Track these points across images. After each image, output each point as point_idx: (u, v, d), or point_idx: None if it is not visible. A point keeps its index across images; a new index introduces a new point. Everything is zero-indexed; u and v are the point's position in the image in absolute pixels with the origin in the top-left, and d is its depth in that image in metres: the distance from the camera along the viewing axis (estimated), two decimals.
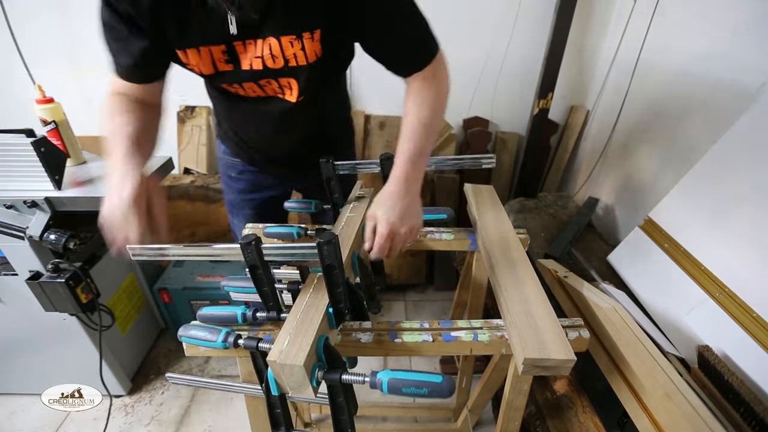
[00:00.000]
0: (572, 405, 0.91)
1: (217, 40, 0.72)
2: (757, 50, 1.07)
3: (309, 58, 0.75)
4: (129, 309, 1.58)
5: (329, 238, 0.58)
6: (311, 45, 0.73)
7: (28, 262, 1.18)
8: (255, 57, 0.74)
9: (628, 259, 1.24)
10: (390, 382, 0.54)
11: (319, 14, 0.70)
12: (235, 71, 0.77)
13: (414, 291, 2.16)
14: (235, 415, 1.52)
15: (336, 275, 0.62)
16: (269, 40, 0.72)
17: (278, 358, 0.54)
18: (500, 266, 0.79)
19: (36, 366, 1.46)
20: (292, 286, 0.71)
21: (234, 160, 1.08)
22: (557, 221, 1.60)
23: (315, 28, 0.72)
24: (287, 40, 0.72)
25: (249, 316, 0.68)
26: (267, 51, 0.73)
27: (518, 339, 0.62)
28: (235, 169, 1.10)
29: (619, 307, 0.88)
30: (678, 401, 0.66)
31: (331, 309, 0.65)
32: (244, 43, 0.73)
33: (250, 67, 0.76)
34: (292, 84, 0.81)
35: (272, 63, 0.75)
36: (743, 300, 0.87)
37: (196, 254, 0.65)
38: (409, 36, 0.75)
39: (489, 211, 0.98)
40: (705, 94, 1.23)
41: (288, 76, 0.79)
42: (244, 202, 1.13)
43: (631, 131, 1.59)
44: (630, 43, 1.59)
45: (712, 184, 1.05)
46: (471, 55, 1.83)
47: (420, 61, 0.77)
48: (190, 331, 0.65)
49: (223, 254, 0.65)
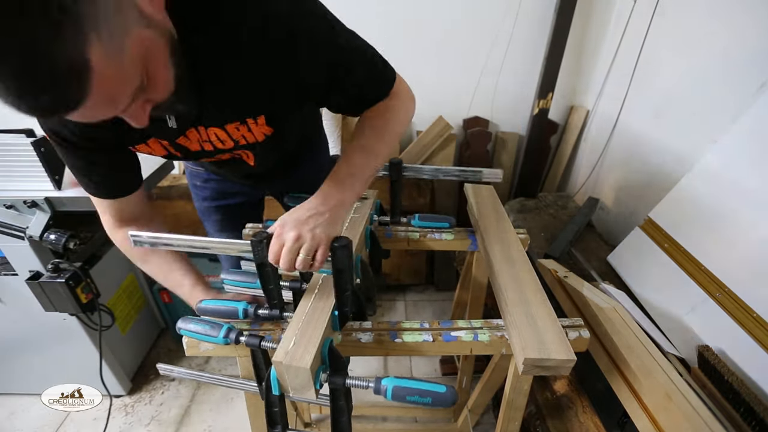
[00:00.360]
0: (572, 405, 0.91)
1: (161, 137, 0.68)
2: (758, 50, 1.07)
3: (258, 137, 0.72)
4: (129, 309, 1.58)
5: (345, 243, 0.58)
6: (257, 128, 0.70)
7: (28, 262, 1.18)
8: (203, 141, 0.70)
9: (628, 259, 1.24)
10: (394, 389, 0.54)
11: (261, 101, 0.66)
12: (186, 155, 0.74)
13: (414, 291, 2.16)
14: (235, 414, 1.52)
15: (346, 279, 0.62)
16: (213, 129, 0.68)
17: (284, 360, 0.54)
18: (500, 266, 0.79)
19: (36, 366, 1.46)
20: (294, 285, 0.71)
21: (197, 169, 1.05)
22: (557, 221, 1.60)
23: (258, 115, 0.67)
24: (232, 127, 0.68)
25: (251, 312, 0.68)
26: (214, 137, 0.70)
27: (518, 339, 0.62)
28: (199, 177, 1.07)
29: (619, 307, 0.88)
30: (678, 401, 0.66)
31: (337, 312, 0.65)
32: (186, 135, 0.68)
33: (201, 148, 0.72)
34: (248, 154, 0.80)
35: (221, 145, 0.72)
36: (743, 300, 0.87)
37: (200, 246, 0.65)
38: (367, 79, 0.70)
39: (489, 211, 0.98)
40: (705, 94, 1.23)
41: (243, 149, 0.77)
42: (210, 209, 1.10)
43: (631, 131, 1.59)
44: (630, 43, 1.59)
45: (712, 184, 1.05)
46: (471, 55, 1.83)
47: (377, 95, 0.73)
48: (189, 325, 0.65)
49: (226, 248, 0.65)
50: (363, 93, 0.72)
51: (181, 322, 0.65)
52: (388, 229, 0.97)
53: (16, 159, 1.10)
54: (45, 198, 1.10)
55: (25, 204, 1.10)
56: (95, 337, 1.34)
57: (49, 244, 1.12)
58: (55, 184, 1.14)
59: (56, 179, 1.14)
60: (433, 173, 0.96)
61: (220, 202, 1.09)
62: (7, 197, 1.10)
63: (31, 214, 1.13)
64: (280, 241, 0.60)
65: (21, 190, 1.13)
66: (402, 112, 0.75)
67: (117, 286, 1.49)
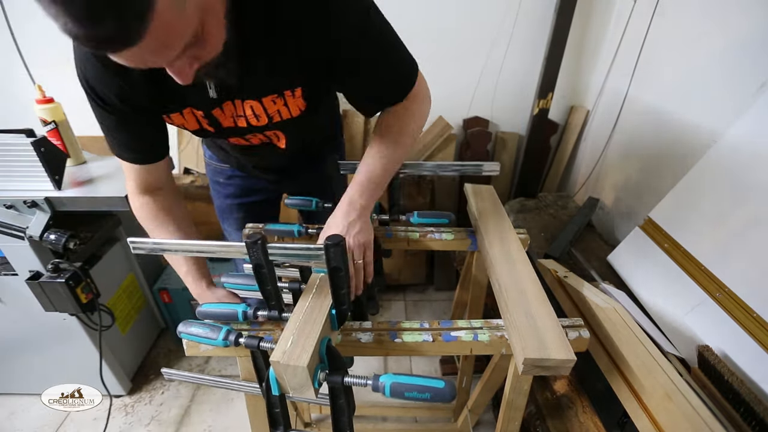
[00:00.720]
0: (572, 405, 0.91)
1: (197, 106, 0.70)
2: (758, 49, 1.07)
3: (293, 112, 0.74)
4: (129, 309, 1.58)
5: (337, 241, 0.58)
6: (294, 101, 0.72)
7: (28, 262, 1.18)
8: (237, 116, 0.73)
9: (628, 259, 1.24)
10: (392, 386, 0.54)
11: (299, 73, 0.68)
12: (218, 132, 0.76)
13: (414, 291, 2.16)
14: (235, 414, 1.52)
15: (341, 278, 0.62)
16: (249, 102, 0.70)
17: (282, 359, 0.54)
18: (500, 266, 0.79)
19: (36, 366, 1.46)
20: (293, 285, 0.71)
21: (222, 166, 1.07)
22: (557, 221, 1.60)
23: (296, 87, 0.70)
24: (269, 100, 0.70)
25: (250, 314, 0.68)
26: (249, 111, 0.72)
27: (518, 339, 0.62)
28: (223, 174, 1.08)
29: (619, 307, 0.88)
30: (678, 401, 0.66)
31: (334, 311, 0.65)
32: (221, 107, 0.71)
33: (234, 124, 0.74)
34: (279, 135, 0.82)
35: (256, 121, 0.74)
36: (743, 300, 0.87)
37: (198, 250, 0.65)
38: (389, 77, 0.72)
39: (489, 211, 0.98)
40: (705, 94, 1.23)
41: (274, 129, 0.79)
42: (233, 206, 1.11)
43: (631, 131, 1.59)
44: (630, 43, 1.59)
45: (712, 184, 1.05)
46: (471, 55, 1.83)
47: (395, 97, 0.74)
48: (190, 328, 0.65)
49: (224, 252, 0.65)
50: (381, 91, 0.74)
51: (181, 326, 0.65)
52: (388, 229, 0.97)
53: (16, 159, 1.10)
54: (45, 198, 1.11)
55: (25, 204, 1.10)
56: (95, 337, 1.34)
57: (49, 244, 1.12)
58: (55, 184, 1.14)
59: (56, 179, 1.14)
60: (433, 169, 0.97)
61: (243, 200, 1.10)
62: (7, 197, 1.10)
63: (31, 214, 1.13)
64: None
65: (21, 190, 1.13)
66: (418, 115, 0.78)
67: (117, 286, 1.49)
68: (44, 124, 1.23)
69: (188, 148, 1.98)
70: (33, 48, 1.69)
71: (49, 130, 1.23)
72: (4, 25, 1.61)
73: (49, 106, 1.22)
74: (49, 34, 1.94)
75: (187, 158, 1.99)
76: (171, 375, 0.75)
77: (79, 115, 1.58)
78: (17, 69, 1.69)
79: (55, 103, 1.24)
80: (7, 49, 1.64)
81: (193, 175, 1.98)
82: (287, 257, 0.64)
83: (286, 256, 0.63)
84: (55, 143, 1.21)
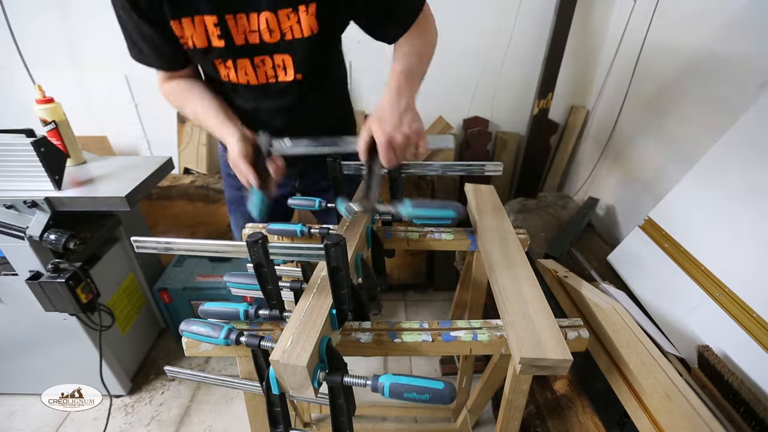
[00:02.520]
0: (572, 405, 0.91)
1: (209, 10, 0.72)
2: (758, 49, 1.07)
3: (304, 31, 0.76)
4: (129, 309, 1.58)
5: (337, 240, 0.58)
6: (306, 18, 0.74)
7: (28, 262, 1.18)
8: (250, 31, 0.75)
9: (628, 259, 1.24)
10: (392, 386, 0.54)
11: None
12: (228, 46, 0.78)
13: (414, 291, 2.16)
14: (235, 414, 1.52)
15: (341, 277, 0.62)
16: (265, 14, 0.73)
17: (281, 358, 0.54)
18: (499, 266, 0.79)
19: (36, 366, 1.46)
20: (294, 285, 0.71)
21: None
22: (557, 221, 1.60)
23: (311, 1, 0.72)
24: (284, 13, 0.73)
25: (251, 313, 0.68)
26: (264, 25, 0.74)
27: (515, 339, 0.62)
28: None
29: (618, 307, 0.88)
30: (678, 401, 0.66)
31: (335, 310, 0.65)
32: (235, 16, 0.73)
33: (245, 42, 0.76)
34: (286, 62, 0.82)
35: (269, 37, 0.76)
36: (743, 300, 0.87)
37: (201, 249, 0.65)
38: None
39: (489, 211, 0.98)
40: (705, 94, 1.23)
41: (283, 52, 0.80)
42: (243, 199, 1.11)
43: (631, 131, 1.59)
44: (630, 43, 1.59)
45: (712, 184, 1.05)
46: (471, 55, 1.83)
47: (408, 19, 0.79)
48: (191, 327, 0.65)
49: (227, 251, 0.65)
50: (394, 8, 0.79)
51: (183, 324, 0.65)
52: (388, 229, 0.97)
53: (16, 159, 1.10)
54: (45, 198, 1.11)
55: (25, 204, 1.10)
56: (95, 337, 1.34)
57: (49, 244, 1.12)
58: (55, 184, 1.14)
59: (56, 179, 1.14)
60: (439, 169, 0.97)
61: None
62: (7, 197, 1.10)
63: (31, 214, 1.13)
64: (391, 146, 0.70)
65: (21, 190, 1.13)
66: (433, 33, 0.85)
67: (117, 286, 1.49)
68: (44, 124, 1.23)
69: (188, 148, 1.98)
70: (33, 48, 1.69)
71: (49, 130, 1.23)
72: (4, 25, 1.61)
73: (49, 106, 1.22)
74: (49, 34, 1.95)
75: (187, 158, 1.99)
76: (174, 373, 0.75)
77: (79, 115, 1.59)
78: (17, 69, 1.69)
79: (55, 103, 1.24)
80: (7, 49, 1.64)
81: (193, 175, 1.98)
82: (288, 256, 0.64)
83: (286, 255, 0.63)
84: (55, 143, 1.21)
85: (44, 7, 1.67)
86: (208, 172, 2.00)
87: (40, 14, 1.68)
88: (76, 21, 1.71)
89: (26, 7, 1.66)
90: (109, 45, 1.76)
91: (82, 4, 1.67)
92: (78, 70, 1.81)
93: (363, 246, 0.82)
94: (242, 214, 1.13)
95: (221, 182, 1.89)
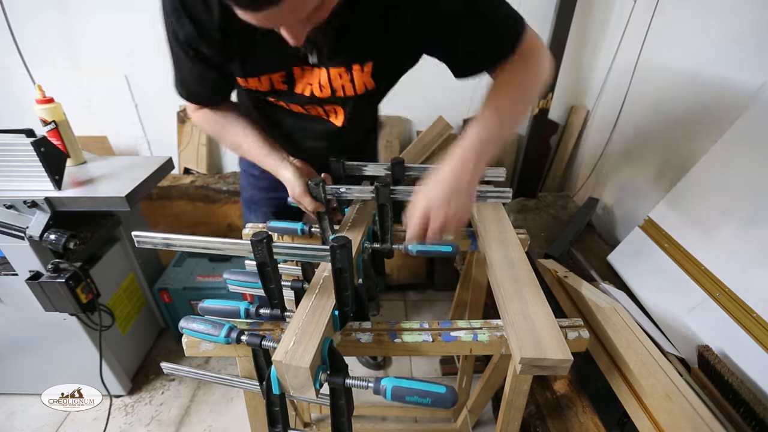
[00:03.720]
0: (572, 405, 0.91)
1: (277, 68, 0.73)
2: (757, 50, 1.07)
3: (358, 89, 0.75)
4: (129, 309, 1.58)
5: (343, 242, 0.58)
6: (361, 77, 0.73)
7: (28, 262, 1.18)
8: (308, 83, 0.75)
9: (628, 259, 1.24)
10: (394, 390, 0.54)
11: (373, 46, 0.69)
12: (288, 92, 0.78)
13: (414, 291, 2.16)
14: (235, 414, 1.52)
15: (346, 279, 0.62)
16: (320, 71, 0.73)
17: (284, 359, 0.54)
18: (499, 266, 0.79)
19: (36, 366, 1.46)
20: (296, 284, 0.71)
21: None
22: (557, 221, 1.60)
23: (366, 61, 0.70)
24: (336, 72, 0.72)
25: (252, 312, 0.68)
26: (316, 81, 0.74)
27: (515, 339, 0.62)
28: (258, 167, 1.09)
29: (618, 307, 0.88)
30: (678, 401, 0.66)
31: (337, 312, 0.65)
32: (302, 68, 0.74)
33: (302, 92, 0.77)
34: (338, 110, 0.82)
35: (319, 92, 0.76)
36: (743, 300, 0.87)
37: (203, 246, 0.65)
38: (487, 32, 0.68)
39: (489, 211, 0.98)
40: (705, 93, 1.23)
41: (334, 104, 0.80)
42: (264, 200, 1.12)
43: (631, 131, 1.59)
44: (630, 43, 1.59)
45: (712, 184, 1.05)
46: None
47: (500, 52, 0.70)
48: (191, 324, 0.65)
49: (229, 249, 0.65)
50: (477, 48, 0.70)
51: (183, 321, 0.65)
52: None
53: (16, 159, 1.10)
54: (45, 198, 1.11)
55: (25, 204, 1.10)
56: (95, 337, 1.34)
57: (49, 244, 1.12)
58: (55, 184, 1.14)
59: (56, 179, 1.14)
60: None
61: (274, 195, 1.10)
62: (7, 197, 1.10)
63: (31, 214, 1.13)
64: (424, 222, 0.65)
65: (21, 190, 1.13)
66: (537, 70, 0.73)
67: (117, 286, 1.49)
68: (44, 124, 1.23)
69: (188, 149, 1.98)
70: (33, 48, 1.69)
71: (49, 130, 1.23)
72: (4, 25, 1.61)
73: (49, 106, 1.22)
74: (49, 34, 1.94)
75: (187, 158, 1.99)
76: (170, 369, 0.75)
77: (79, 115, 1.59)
78: (17, 69, 1.69)
79: (55, 103, 1.24)
80: (7, 49, 1.64)
81: (193, 175, 1.98)
82: (292, 256, 0.64)
83: (291, 255, 0.63)
84: (55, 143, 1.21)
85: (44, 7, 1.67)
86: (208, 172, 2.00)
87: (39, 14, 1.68)
88: (76, 21, 1.71)
89: (26, 7, 1.66)
90: (109, 45, 1.77)
91: (82, 4, 1.67)
92: (78, 70, 1.81)
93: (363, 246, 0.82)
94: (263, 214, 1.14)
95: (221, 182, 1.89)
